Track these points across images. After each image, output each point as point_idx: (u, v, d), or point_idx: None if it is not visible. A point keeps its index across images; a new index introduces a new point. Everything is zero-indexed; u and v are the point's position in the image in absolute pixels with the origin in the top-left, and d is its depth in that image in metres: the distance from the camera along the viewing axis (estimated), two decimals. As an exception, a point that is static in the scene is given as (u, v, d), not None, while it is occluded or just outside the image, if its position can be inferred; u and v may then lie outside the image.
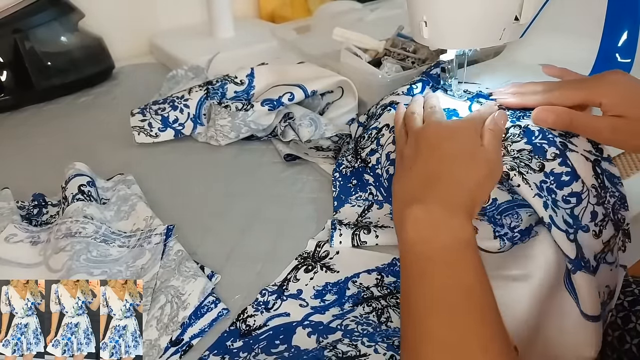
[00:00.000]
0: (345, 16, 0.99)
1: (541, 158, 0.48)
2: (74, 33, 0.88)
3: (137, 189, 0.60)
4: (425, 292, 0.38)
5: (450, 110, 0.56)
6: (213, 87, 0.70)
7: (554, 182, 0.47)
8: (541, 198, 0.45)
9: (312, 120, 0.67)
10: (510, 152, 0.49)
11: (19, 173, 0.67)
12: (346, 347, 0.39)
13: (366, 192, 0.57)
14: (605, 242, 0.47)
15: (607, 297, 0.48)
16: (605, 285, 0.47)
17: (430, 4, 0.53)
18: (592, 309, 0.44)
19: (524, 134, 0.50)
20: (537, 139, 0.49)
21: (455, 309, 0.37)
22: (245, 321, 0.44)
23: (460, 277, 0.38)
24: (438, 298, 0.37)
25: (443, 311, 0.37)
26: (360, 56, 0.74)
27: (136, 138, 0.70)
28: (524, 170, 0.47)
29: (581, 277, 0.44)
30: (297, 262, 0.50)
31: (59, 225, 0.51)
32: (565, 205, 0.46)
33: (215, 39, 1.01)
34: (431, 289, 0.38)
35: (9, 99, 0.82)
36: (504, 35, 0.53)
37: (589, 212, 0.47)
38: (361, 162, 0.59)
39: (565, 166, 0.47)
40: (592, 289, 0.44)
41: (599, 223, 0.47)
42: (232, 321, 0.44)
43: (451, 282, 0.38)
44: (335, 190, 0.59)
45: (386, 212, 0.55)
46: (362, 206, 0.56)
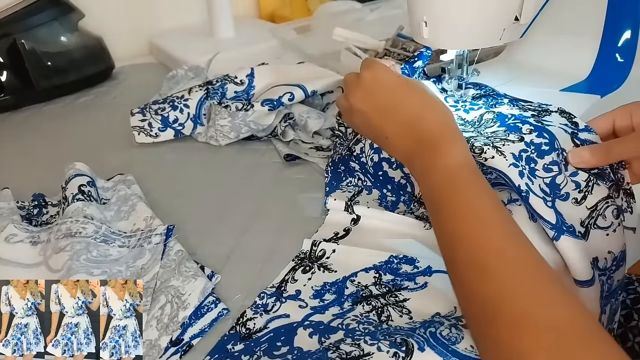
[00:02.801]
0: (345, 16, 0.99)
1: (518, 134, 0.48)
2: (74, 33, 0.88)
3: (137, 189, 0.60)
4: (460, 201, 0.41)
5: (460, 118, 0.55)
6: (213, 87, 0.70)
7: (534, 152, 0.46)
8: (516, 167, 0.45)
9: (320, 114, 0.68)
10: (483, 134, 0.50)
11: (19, 173, 0.67)
12: (349, 347, 0.39)
13: (355, 177, 0.60)
14: (591, 207, 0.45)
15: (612, 263, 0.45)
16: (607, 251, 0.45)
17: (430, 4, 0.53)
18: (581, 274, 0.42)
19: (497, 118, 0.51)
20: (511, 120, 0.50)
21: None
22: (245, 325, 0.44)
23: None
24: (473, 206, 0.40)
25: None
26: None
27: (136, 138, 0.70)
28: (499, 144, 0.47)
29: (566, 241, 0.42)
30: (295, 263, 0.50)
31: (59, 225, 0.51)
32: (545, 174, 0.46)
33: (215, 39, 1.01)
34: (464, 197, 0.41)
35: (9, 99, 0.83)
36: (504, 35, 0.53)
37: (571, 179, 0.46)
38: (347, 150, 0.60)
39: (543, 138, 0.47)
40: (580, 253, 0.42)
41: (584, 189, 0.46)
42: (231, 325, 0.44)
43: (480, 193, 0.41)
44: (327, 176, 0.60)
45: (375, 197, 0.58)
46: (352, 192, 0.58)
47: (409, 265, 0.49)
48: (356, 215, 0.55)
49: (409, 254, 0.50)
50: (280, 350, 0.41)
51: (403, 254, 0.50)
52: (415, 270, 0.48)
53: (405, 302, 0.45)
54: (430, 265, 0.48)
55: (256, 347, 0.42)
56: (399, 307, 0.45)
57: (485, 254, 0.38)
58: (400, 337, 0.39)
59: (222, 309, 0.45)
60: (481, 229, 0.39)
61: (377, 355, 0.38)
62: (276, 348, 0.41)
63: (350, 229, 0.54)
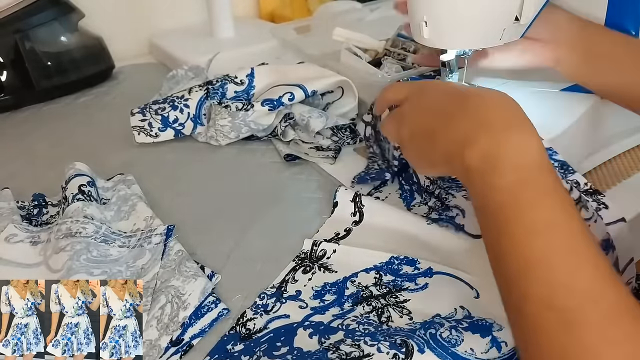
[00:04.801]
0: (345, 16, 0.98)
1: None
2: (74, 33, 0.88)
3: (137, 189, 0.60)
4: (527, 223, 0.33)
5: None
6: (213, 87, 0.70)
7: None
8: None
9: (321, 113, 0.68)
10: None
11: (19, 173, 0.67)
12: (349, 348, 0.39)
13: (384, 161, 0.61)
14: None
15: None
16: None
17: (431, 4, 0.53)
18: None
19: None
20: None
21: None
22: (245, 325, 0.44)
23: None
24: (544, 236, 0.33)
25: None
26: (360, 56, 0.74)
27: (136, 138, 0.70)
28: None
29: None
30: (295, 263, 0.50)
31: (59, 225, 0.51)
32: None
33: (215, 39, 1.01)
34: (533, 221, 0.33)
35: (9, 99, 0.82)
36: (504, 35, 0.53)
37: None
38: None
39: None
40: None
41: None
42: (231, 325, 0.44)
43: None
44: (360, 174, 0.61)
45: (396, 187, 0.59)
46: (376, 183, 0.60)
47: (409, 266, 0.49)
48: (360, 209, 0.55)
49: (410, 255, 0.50)
50: (280, 350, 0.41)
51: (404, 255, 0.50)
52: (416, 271, 0.48)
53: (405, 302, 0.45)
54: (431, 266, 0.48)
55: (256, 348, 0.42)
56: (399, 307, 0.45)
57: (571, 295, 0.31)
58: (400, 339, 0.39)
59: (222, 309, 0.45)
60: (565, 260, 0.32)
61: (376, 357, 0.38)
62: (276, 348, 0.41)
63: (351, 230, 0.54)
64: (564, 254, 0.32)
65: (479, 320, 0.41)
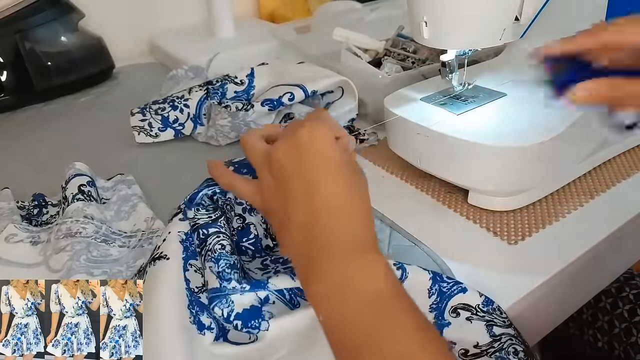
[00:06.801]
0: (345, 16, 0.99)
1: None
2: (74, 33, 0.88)
3: (137, 189, 0.60)
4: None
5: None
6: (213, 87, 0.70)
7: None
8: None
9: None
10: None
11: (19, 173, 0.67)
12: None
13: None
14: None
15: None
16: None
17: (430, 4, 0.53)
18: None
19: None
20: None
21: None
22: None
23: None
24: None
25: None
26: (360, 56, 0.74)
27: (136, 138, 0.70)
28: None
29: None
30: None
31: (59, 225, 0.51)
32: None
33: (215, 39, 1.01)
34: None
35: (9, 99, 0.83)
36: (504, 35, 0.53)
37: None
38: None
39: None
40: None
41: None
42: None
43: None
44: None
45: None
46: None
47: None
48: None
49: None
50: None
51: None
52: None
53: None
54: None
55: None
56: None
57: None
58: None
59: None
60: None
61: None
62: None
63: None
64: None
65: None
